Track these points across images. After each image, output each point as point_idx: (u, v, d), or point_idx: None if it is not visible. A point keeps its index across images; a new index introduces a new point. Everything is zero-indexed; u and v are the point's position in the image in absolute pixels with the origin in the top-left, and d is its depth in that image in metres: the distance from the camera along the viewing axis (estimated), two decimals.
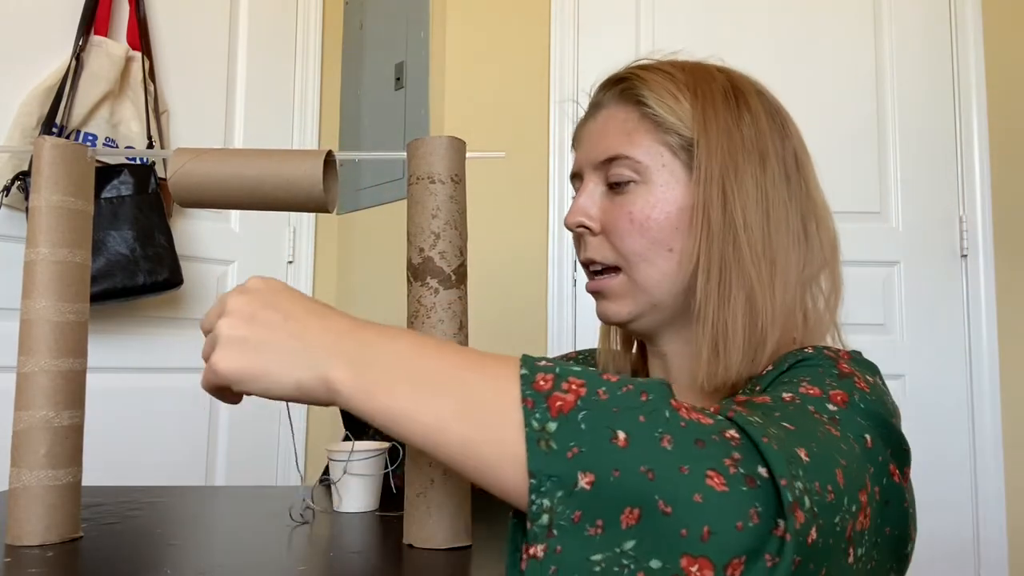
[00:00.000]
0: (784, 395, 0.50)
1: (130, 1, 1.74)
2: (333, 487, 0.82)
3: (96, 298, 1.52)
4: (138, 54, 1.71)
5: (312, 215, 2.08)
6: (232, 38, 1.97)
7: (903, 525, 0.49)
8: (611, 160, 0.68)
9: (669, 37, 1.81)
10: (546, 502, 0.38)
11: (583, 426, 0.39)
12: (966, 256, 1.76)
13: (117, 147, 1.65)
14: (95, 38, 1.65)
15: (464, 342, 0.63)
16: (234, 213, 1.93)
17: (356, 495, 0.81)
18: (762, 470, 0.38)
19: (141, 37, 1.73)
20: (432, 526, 0.62)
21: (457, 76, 1.80)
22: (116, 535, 0.69)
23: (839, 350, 0.60)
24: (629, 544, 0.37)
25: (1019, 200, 1.75)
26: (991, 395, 1.71)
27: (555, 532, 0.38)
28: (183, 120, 1.85)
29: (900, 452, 0.51)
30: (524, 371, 0.42)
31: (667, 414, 0.40)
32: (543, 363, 0.43)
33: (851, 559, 0.42)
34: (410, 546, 0.63)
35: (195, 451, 1.85)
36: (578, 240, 0.72)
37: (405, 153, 0.65)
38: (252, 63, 2.00)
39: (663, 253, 0.66)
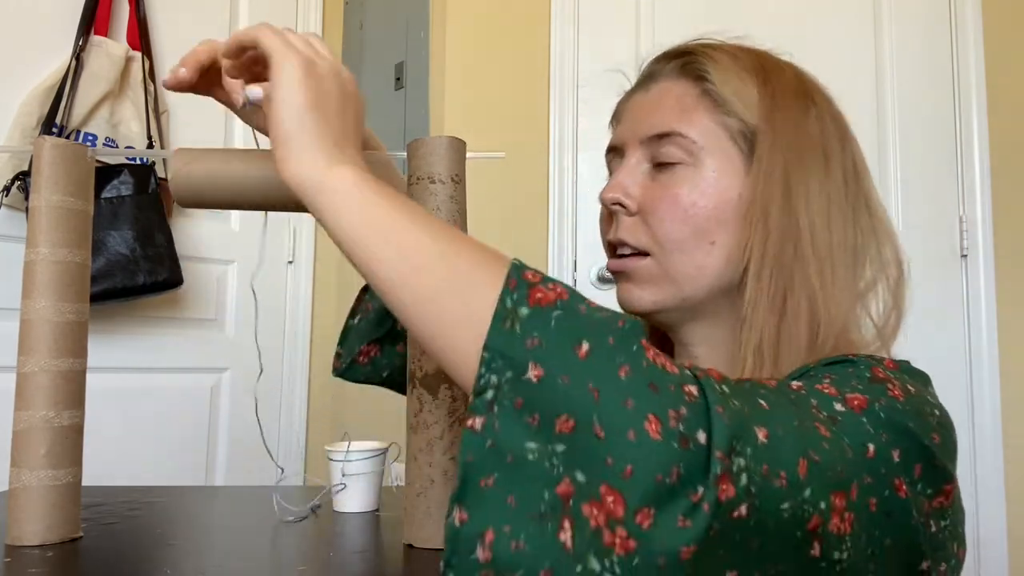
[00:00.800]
0: (792, 383, 0.48)
1: (130, 1, 1.74)
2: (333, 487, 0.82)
3: (96, 298, 1.52)
4: (138, 54, 1.71)
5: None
6: None
7: (910, 539, 0.47)
8: (662, 136, 0.62)
9: (669, 37, 1.80)
10: (494, 378, 0.38)
11: (552, 324, 0.39)
12: (966, 256, 1.76)
13: (117, 147, 1.65)
14: (95, 38, 1.65)
15: None
16: (234, 213, 1.94)
17: (356, 495, 0.81)
18: (701, 435, 0.38)
19: (141, 37, 1.74)
20: (432, 526, 0.62)
21: (457, 76, 1.80)
22: (116, 535, 0.69)
23: (883, 358, 0.56)
24: (560, 447, 0.37)
25: (1019, 200, 1.75)
26: (991, 395, 1.71)
27: (495, 410, 0.38)
28: (183, 120, 1.85)
29: (930, 468, 0.47)
30: (517, 262, 0.43)
31: (634, 347, 0.40)
32: (535, 268, 0.44)
33: (816, 552, 0.42)
34: (410, 546, 0.63)
35: (195, 451, 1.85)
36: (608, 219, 0.66)
37: (405, 153, 0.65)
38: None
39: (704, 245, 0.61)
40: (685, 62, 0.65)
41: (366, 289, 0.85)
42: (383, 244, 0.45)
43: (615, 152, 0.67)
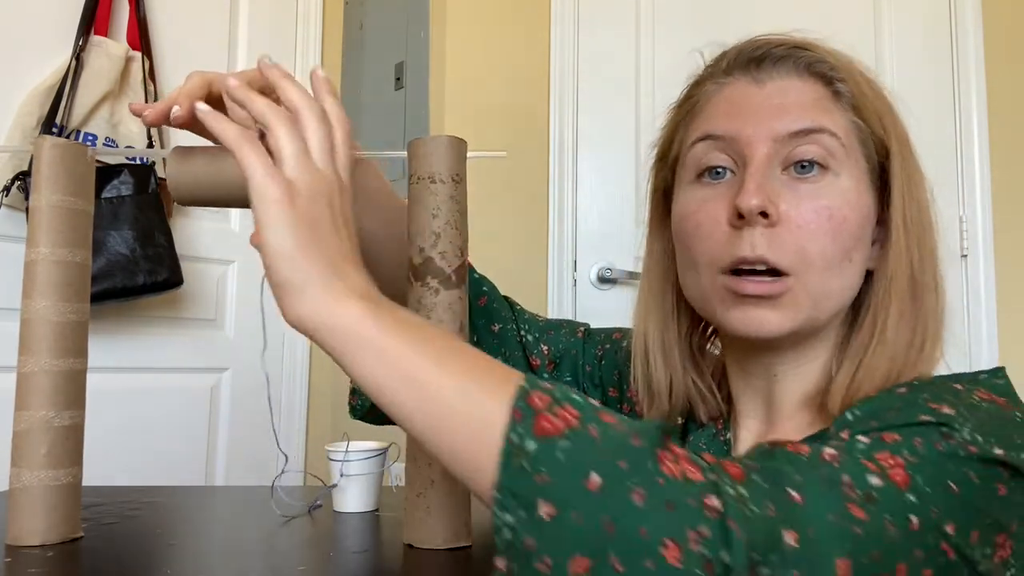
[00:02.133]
0: (826, 451, 0.43)
1: (130, 1, 1.74)
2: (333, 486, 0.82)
3: (96, 298, 1.52)
4: (138, 54, 1.71)
5: None
6: (232, 38, 1.97)
7: None
8: (808, 132, 0.55)
9: (669, 37, 1.80)
10: (509, 518, 0.38)
11: (560, 457, 0.38)
12: (966, 256, 1.76)
13: (117, 147, 1.65)
14: (95, 38, 1.65)
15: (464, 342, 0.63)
16: (234, 213, 1.93)
17: (355, 495, 0.81)
18: (725, 555, 0.36)
19: (141, 37, 1.73)
20: (432, 526, 0.62)
21: (457, 76, 1.80)
22: (116, 535, 0.69)
23: (979, 373, 0.54)
24: None
25: (1019, 200, 1.76)
26: None
27: (513, 553, 0.38)
28: None
29: (986, 528, 0.43)
30: (525, 384, 0.41)
31: (649, 464, 0.38)
32: (546, 385, 0.42)
33: None
34: (410, 546, 0.63)
35: (195, 451, 1.85)
36: (729, 231, 0.56)
37: (406, 153, 0.65)
38: (252, 63, 2.00)
39: (845, 264, 0.56)
40: (807, 61, 0.60)
41: None
42: (399, 388, 0.43)
43: (718, 141, 0.58)
